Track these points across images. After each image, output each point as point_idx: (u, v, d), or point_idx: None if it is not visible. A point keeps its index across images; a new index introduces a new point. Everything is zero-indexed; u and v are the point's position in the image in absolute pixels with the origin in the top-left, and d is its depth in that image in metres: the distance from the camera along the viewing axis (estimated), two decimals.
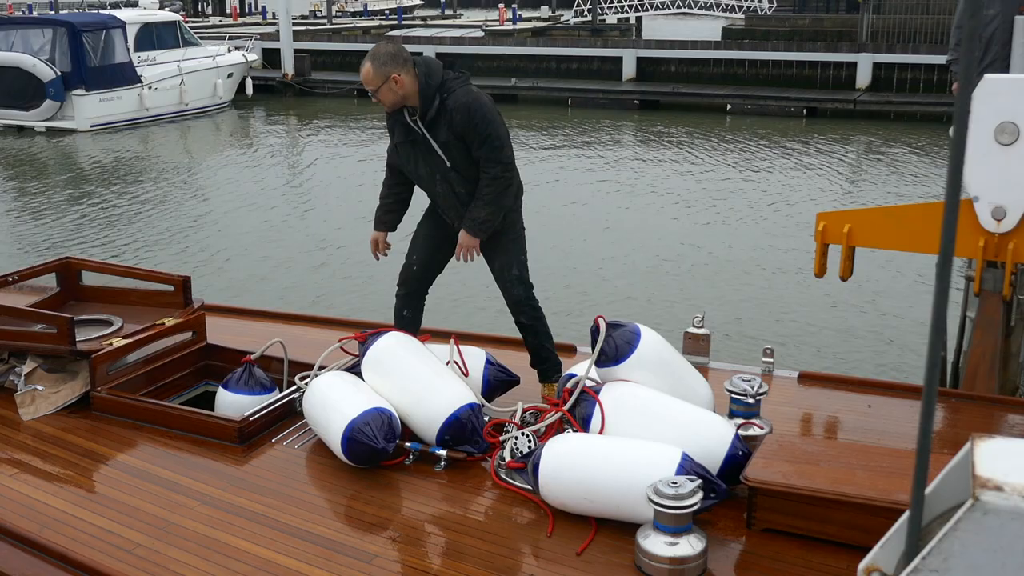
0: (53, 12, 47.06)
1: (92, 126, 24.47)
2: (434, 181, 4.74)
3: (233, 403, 4.54)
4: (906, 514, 1.49)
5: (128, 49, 25.61)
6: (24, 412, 4.56)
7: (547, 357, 4.90)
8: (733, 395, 4.13)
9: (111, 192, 17.75)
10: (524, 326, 4.88)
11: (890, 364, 9.10)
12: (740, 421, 4.05)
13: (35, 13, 47.43)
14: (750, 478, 3.45)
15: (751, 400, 4.10)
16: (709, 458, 3.62)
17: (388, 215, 5.07)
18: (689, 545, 3.22)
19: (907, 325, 10.07)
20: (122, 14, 27.38)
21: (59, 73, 24.09)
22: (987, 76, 4.49)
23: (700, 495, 3.23)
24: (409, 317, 5.00)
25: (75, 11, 36.79)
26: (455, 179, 4.68)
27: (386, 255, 5.12)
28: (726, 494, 3.50)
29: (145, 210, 16.27)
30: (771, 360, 5.00)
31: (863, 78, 27.69)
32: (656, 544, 3.22)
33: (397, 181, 5.00)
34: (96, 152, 22.02)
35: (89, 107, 24.49)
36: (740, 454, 3.67)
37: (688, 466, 3.43)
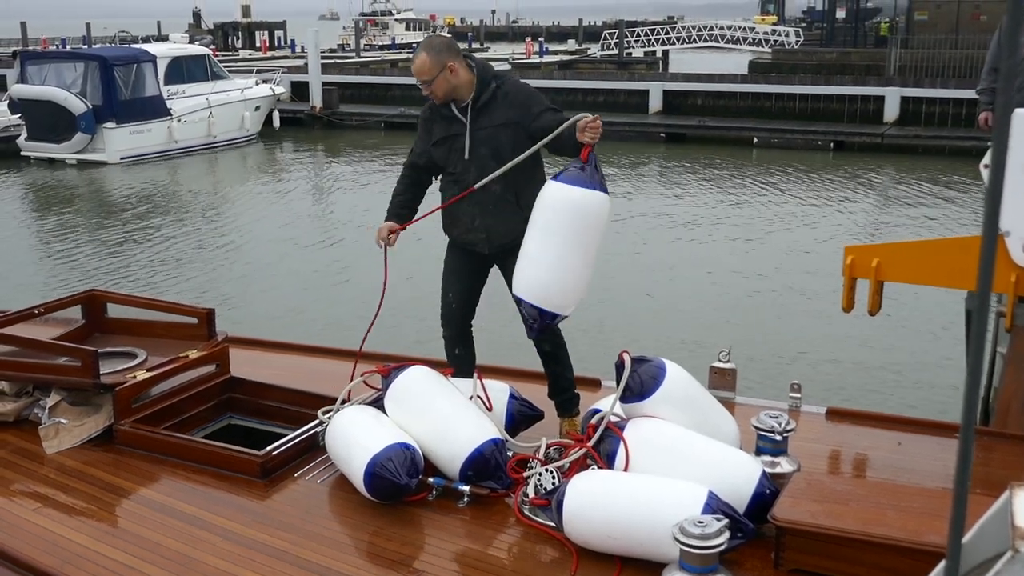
0: (86, 46, 47.73)
1: (122, 158, 24.71)
2: (470, 178, 4.61)
3: None
4: (942, 564, 1.44)
5: (158, 82, 25.91)
6: (48, 445, 4.56)
7: (566, 388, 4.84)
8: (760, 432, 4.08)
9: (139, 224, 17.88)
10: (546, 353, 4.83)
11: (920, 400, 8.98)
12: (767, 458, 3.99)
13: (68, 47, 48.07)
14: (778, 517, 3.38)
15: (779, 437, 4.04)
16: (736, 496, 3.56)
17: (403, 209, 4.98)
18: None
19: (937, 360, 9.96)
20: (153, 48, 27.73)
21: (90, 106, 24.37)
22: (1018, 111, 4.44)
23: (727, 534, 3.17)
24: (461, 354, 4.97)
25: (107, 45, 37.19)
26: (492, 170, 4.56)
27: (392, 245, 4.95)
28: (753, 533, 3.44)
29: (172, 242, 16.37)
30: (798, 395, 4.93)
31: (891, 112, 27.60)
32: None
33: (415, 181, 4.98)
34: (126, 184, 22.22)
35: (119, 140, 24.75)
36: (767, 492, 3.61)
37: (714, 505, 3.37)
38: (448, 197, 4.78)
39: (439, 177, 4.91)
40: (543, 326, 4.21)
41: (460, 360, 4.93)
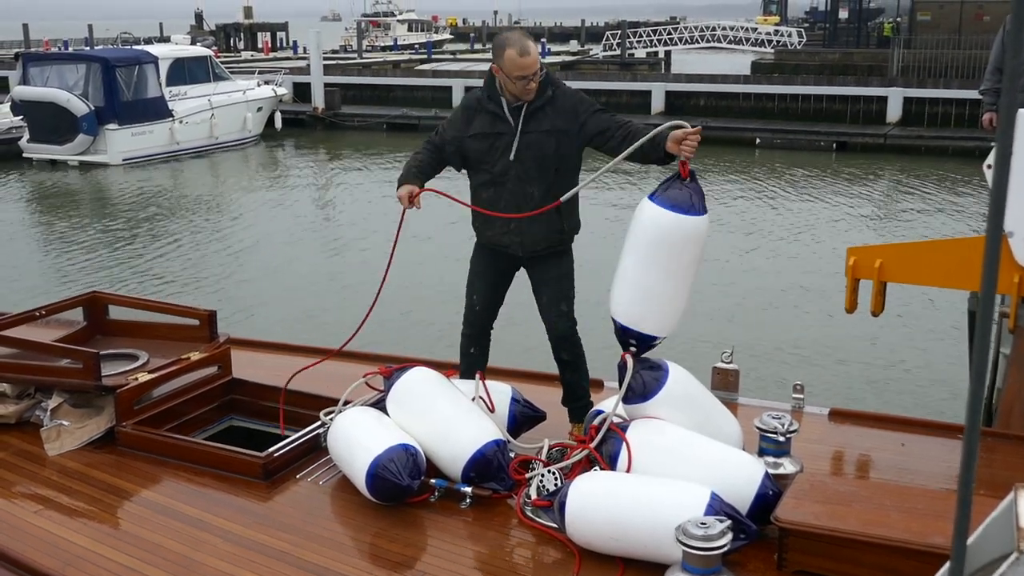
0: (88, 48, 47.75)
1: (124, 160, 24.72)
2: (509, 180, 4.57)
3: None
4: (947, 566, 1.43)
5: (160, 84, 25.91)
6: (49, 447, 4.55)
7: (581, 396, 4.83)
8: (763, 433, 4.07)
9: (141, 226, 17.89)
10: (564, 362, 4.81)
11: (923, 401, 8.97)
12: (770, 459, 3.98)
13: (70, 49, 48.12)
14: (781, 519, 3.37)
15: (782, 438, 4.03)
16: (738, 498, 3.55)
17: (422, 174, 4.79)
18: None
19: (939, 361, 9.94)
20: (155, 49, 27.73)
21: (92, 108, 24.37)
22: (1022, 111, 4.43)
23: (729, 536, 3.17)
24: (476, 354, 4.95)
25: (109, 47, 37.22)
26: (536, 177, 4.54)
27: (419, 208, 4.82)
28: (756, 535, 3.43)
29: (174, 243, 16.37)
30: (801, 396, 4.93)
31: (893, 112, 27.58)
32: None
33: (436, 158, 4.82)
34: (128, 186, 22.23)
35: (122, 141, 24.76)
36: (770, 494, 3.60)
37: (717, 506, 3.36)
38: (484, 195, 4.68)
39: (467, 171, 4.81)
40: (644, 349, 4.10)
41: (472, 360, 4.91)
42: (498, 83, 4.57)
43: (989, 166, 5.37)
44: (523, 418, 4.51)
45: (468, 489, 3.97)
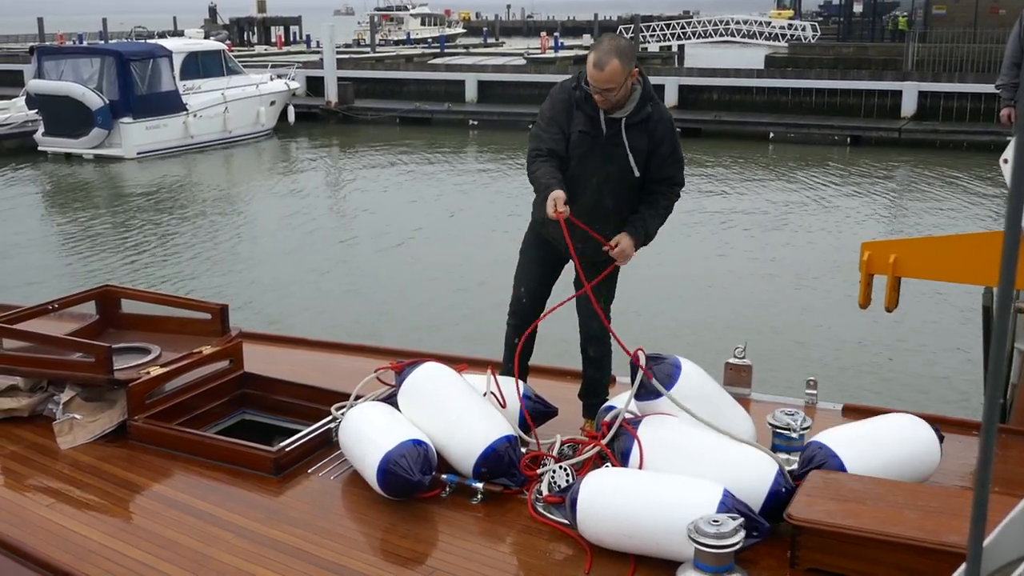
0: (102, 42, 47.90)
1: (139, 153, 24.79)
2: (588, 185, 4.46)
3: None
4: (962, 567, 1.41)
5: (174, 77, 25.97)
6: (62, 441, 4.56)
7: (600, 393, 4.80)
8: (776, 429, 4.04)
9: (154, 219, 17.93)
10: (590, 359, 4.79)
11: (937, 397, 8.93)
12: (783, 456, 3.96)
13: (85, 43, 48.24)
14: (794, 516, 3.35)
15: (795, 435, 4.01)
16: (751, 495, 3.52)
17: (557, 177, 4.38)
18: None
19: (953, 356, 9.89)
20: (169, 43, 27.81)
21: (107, 101, 24.44)
22: None
23: (742, 533, 3.15)
24: (524, 334, 4.83)
25: (123, 40, 37.31)
26: (613, 189, 4.46)
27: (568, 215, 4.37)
28: (769, 532, 3.41)
29: (186, 237, 16.41)
30: (814, 392, 4.90)
31: (908, 107, 27.45)
32: None
33: (556, 166, 4.46)
34: (142, 179, 22.29)
35: (136, 135, 24.83)
36: (784, 491, 3.57)
37: (730, 503, 3.34)
38: None
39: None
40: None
41: (514, 352, 4.74)
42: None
43: (1006, 160, 5.33)
44: (535, 414, 4.49)
45: (479, 485, 3.95)
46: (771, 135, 26.98)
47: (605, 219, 4.48)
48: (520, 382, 4.54)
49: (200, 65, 27.10)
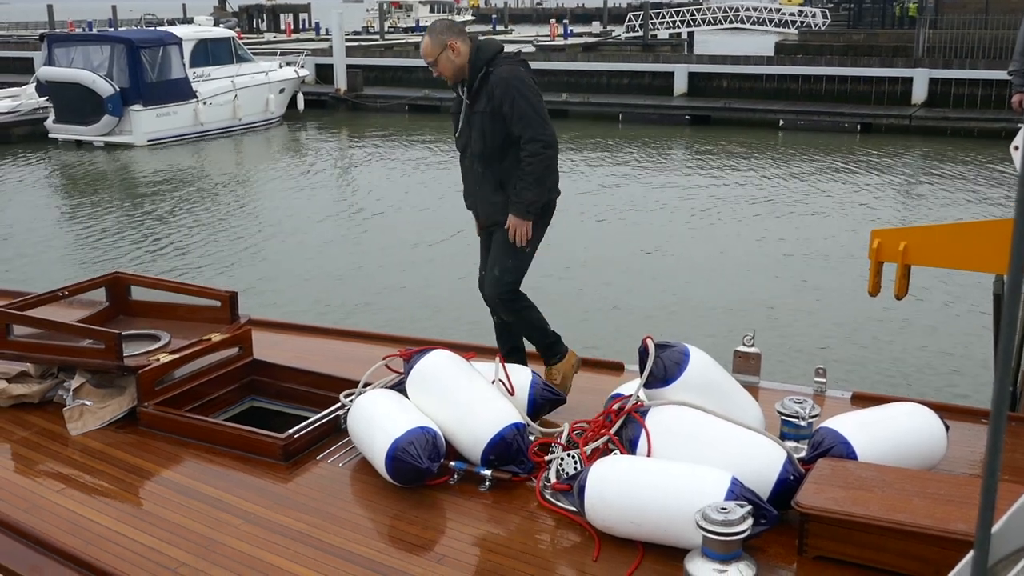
0: (112, 29, 47.91)
1: (149, 140, 24.83)
2: (464, 155, 4.94)
3: None
4: (970, 555, 1.41)
5: (184, 65, 25.98)
6: (72, 427, 4.58)
7: (538, 344, 4.99)
8: (785, 417, 4.04)
9: (164, 206, 17.96)
10: (503, 322, 5.04)
11: (947, 385, 8.91)
12: (791, 444, 3.95)
13: (95, 30, 48.27)
14: (802, 504, 3.35)
15: (803, 422, 4.00)
16: (760, 482, 3.52)
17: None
18: (738, 572, 3.13)
19: (963, 344, 9.87)
20: (178, 31, 27.80)
21: (117, 89, 24.46)
22: None
23: (750, 521, 3.15)
24: (499, 321, 5.10)
25: (133, 28, 37.30)
26: (478, 155, 4.83)
27: None
28: (777, 520, 3.41)
29: (196, 224, 16.44)
30: (823, 380, 4.90)
31: (919, 94, 27.33)
32: (704, 571, 3.14)
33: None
34: (152, 166, 22.32)
35: (146, 122, 24.86)
36: (792, 478, 3.57)
37: (738, 491, 3.34)
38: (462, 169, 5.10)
39: None
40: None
41: (501, 326, 5.10)
42: None
43: (1016, 147, 5.30)
44: (543, 401, 4.50)
45: (487, 472, 3.96)
46: (781, 122, 26.89)
47: (483, 182, 4.89)
48: (528, 369, 4.56)
49: (210, 53, 27.10)
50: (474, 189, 4.97)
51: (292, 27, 68.09)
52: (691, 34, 57.29)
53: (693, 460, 3.60)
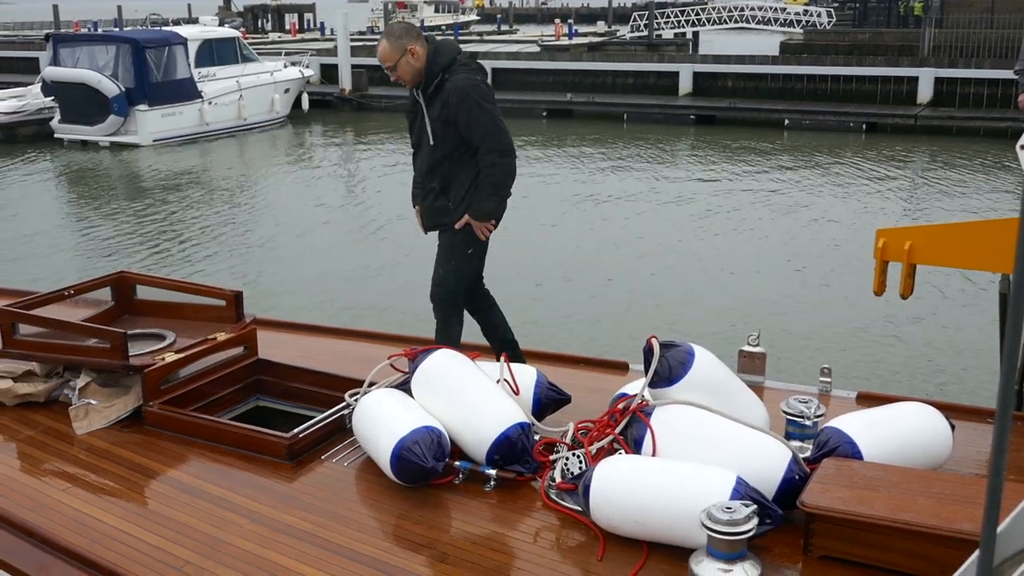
0: (117, 29, 47.97)
1: (154, 140, 24.86)
2: (417, 156, 5.13)
3: None
4: (975, 554, 1.41)
5: (189, 65, 26.02)
6: (77, 426, 4.59)
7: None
8: (790, 417, 4.03)
9: (170, 206, 17.98)
10: (484, 319, 5.36)
11: (952, 384, 8.90)
12: (796, 444, 3.95)
13: (100, 30, 48.32)
14: (807, 503, 3.34)
15: (809, 423, 4.00)
16: (765, 482, 3.52)
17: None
18: (743, 572, 3.13)
19: (968, 344, 9.86)
20: (184, 31, 27.83)
21: (123, 89, 24.50)
22: None
23: (755, 521, 3.14)
24: (480, 319, 5.41)
25: (138, 28, 37.37)
26: (426, 157, 5.00)
27: None
28: (782, 520, 3.40)
29: (202, 224, 16.46)
30: (828, 380, 4.89)
31: (924, 93, 27.30)
32: (709, 570, 3.14)
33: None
34: (157, 166, 22.35)
35: (152, 122, 24.90)
36: (797, 478, 3.57)
37: (743, 490, 3.33)
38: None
39: None
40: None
41: (482, 323, 5.51)
42: None
43: (1022, 146, 5.30)
44: (548, 400, 4.49)
45: (492, 472, 3.96)
46: (786, 122, 26.87)
47: (424, 188, 5.12)
48: (533, 369, 4.55)
49: (215, 53, 27.14)
50: (419, 193, 5.19)
51: (297, 27, 68.16)
52: (696, 34, 57.24)
53: (698, 460, 3.60)
